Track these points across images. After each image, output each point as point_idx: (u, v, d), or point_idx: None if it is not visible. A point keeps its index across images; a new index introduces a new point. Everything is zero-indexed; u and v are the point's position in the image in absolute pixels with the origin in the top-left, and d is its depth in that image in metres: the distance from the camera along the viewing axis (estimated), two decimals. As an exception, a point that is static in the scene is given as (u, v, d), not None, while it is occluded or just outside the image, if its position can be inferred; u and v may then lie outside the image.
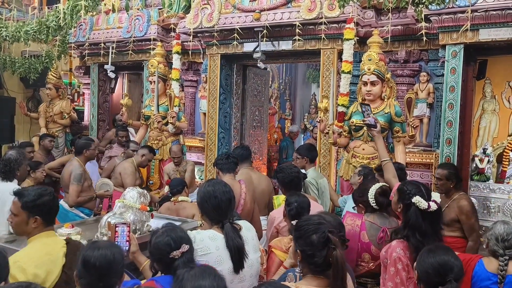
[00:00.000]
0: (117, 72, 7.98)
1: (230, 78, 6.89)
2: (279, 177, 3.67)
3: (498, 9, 4.50)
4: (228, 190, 2.53)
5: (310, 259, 1.94)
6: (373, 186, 2.98)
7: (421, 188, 2.62)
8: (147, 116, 6.45)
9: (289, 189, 3.56)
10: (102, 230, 3.28)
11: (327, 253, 1.90)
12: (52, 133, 7.44)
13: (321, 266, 1.92)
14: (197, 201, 2.58)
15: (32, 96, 8.91)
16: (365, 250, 2.89)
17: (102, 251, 1.98)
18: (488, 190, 5.64)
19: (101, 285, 1.95)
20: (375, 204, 2.96)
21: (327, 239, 1.92)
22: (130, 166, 5.28)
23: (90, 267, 1.95)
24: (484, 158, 6.01)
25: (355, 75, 5.19)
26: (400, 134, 4.62)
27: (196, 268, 1.72)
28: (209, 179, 2.75)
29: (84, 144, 4.63)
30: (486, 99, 6.37)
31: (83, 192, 4.42)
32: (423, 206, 2.50)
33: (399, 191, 2.69)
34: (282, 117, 11.43)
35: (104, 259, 1.96)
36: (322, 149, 5.70)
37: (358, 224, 2.92)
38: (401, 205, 2.65)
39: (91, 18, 7.66)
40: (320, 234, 1.93)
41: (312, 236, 1.94)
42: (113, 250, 2.02)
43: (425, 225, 2.51)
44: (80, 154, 4.59)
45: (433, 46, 5.38)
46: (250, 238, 2.53)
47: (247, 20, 5.96)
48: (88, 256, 1.97)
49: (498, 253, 2.58)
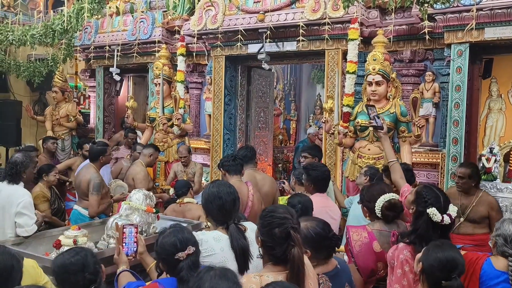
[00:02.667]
0: (122, 75, 8.02)
1: (234, 79, 6.90)
2: (311, 173, 3.61)
3: (504, 8, 4.47)
4: (232, 191, 2.53)
5: (269, 250, 1.96)
6: (381, 197, 2.87)
7: (441, 199, 2.52)
8: (153, 118, 6.47)
9: (318, 187, 3.55)
10: (108, 232, 3.30)
11: (286, 248, 1.91)
12: (58, 136, 7.49)
13: (279, 259, 1.94)
14: (202, 202, 2.58)
15: (38, 99, 8.97)
16: (379, 260, 2.80)
17: (70, 253, 2.05)
18: (496, 189, 5.59)
19: (87, 275, 1.99)
20: (381, 215, 2.88)
21: (288, 234, 1.92)
22: (142, 170, 5.20)
23: (67, 268, 1.99)
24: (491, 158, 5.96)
25: (360, 75, 5.17)
26: (406, 134, 4.60)
27: (218, 268, 1.69)
28: (213, 180, 2.74)
29: (101, 150, 4.52)
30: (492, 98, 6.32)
31: (102, 199, 4.39)
32: (437, 219, 2.45)
33: (417, 194, 2.61)
34: (287, 118, 11.42)
35: (77, 257, 2.02)
36: (328, 150, 5.68)
37: (365, 236, 2.82)
38: (414, 207, 2.60)
39: (96, 21, 7.71)
40: (283, 229, 1.94)
41: (274, 230, 1.94)
42: (77, 250, 2.09)
43: (434, 236, 2.46)
44: (96, 160, 4.50)
45: (439, 45, 5.36)
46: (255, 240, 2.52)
47: (251, 22, 5.96)
48: (62, 260, 2.03)
49: (508, 253, 2.56)
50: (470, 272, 2.61)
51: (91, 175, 4.35)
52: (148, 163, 5.34)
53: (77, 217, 4.43)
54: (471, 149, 5.20)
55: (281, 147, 10.27)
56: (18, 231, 3.48)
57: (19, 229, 3.48)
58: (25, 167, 3.72)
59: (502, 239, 2.59)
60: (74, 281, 1.99)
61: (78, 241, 2.94)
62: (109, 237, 3.29)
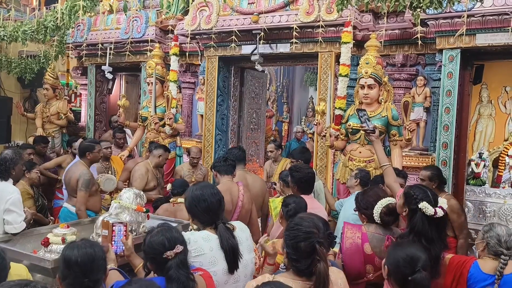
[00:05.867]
0: (115, 73, 7.97)
1: (227, 80, 6.90)
2: (295, 175, 3.63)
3: (495, 14, 4.52)
4: (216, 191, 2.53)
5: (294, 262, 1.96)
6: (379, 202, 2.87)
7: (428, 193, 2.60)
8: (144, 117, 6.44)
9: (302, 189, 3.55)
10: (97, 231, 3.28)
11: (312, 262, 1.92)
12: (48, 133, 7.42)
13: (303, 272, 1.94)
14: (186, 206, 2.56)
15: (29, 96, 8.89)
16: (368, 262, 2.81)
17: (82, 249, 2.02)
18: (484, 194, 5.66)
19: (86, 281, 1.96)
20: (379, 221, 2.87)
21: (314, 249, 1.93)
22: (140, 169, 5.11)
23: (72, 265, 1.97)
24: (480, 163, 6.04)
25: (353, 79, 5.20)
26: (397, 138, 4.63)
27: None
28: (195, 183, 2.73)
29: (87, 146, 4.49)
30: (482, 104, 6.40)
31: (91, 197, 4.36)
32: (430, 212, 2.49)
33: (405, 195, 2.66)
34: (279, 119, 11.45)
35: (86, 255, 1.99)
36: (319, 152, 5.70)
37: (359, 236, 2.83)
38: (406, 209, 2.63)
39: (89, 18, 7.66)
40: (308, 243, 1.94)
41: (300, 243, 1.95)
42: (93, 247, 2.06)
43: (431, 231, 2.50)
44: (83, 156, 4.48)
45: (430, 50, 5.41)
46: (244, 239, 2.53)
47: (245, 23, 5.97)
48: (69, 256, 2.00)
49: (501, 253, 2.57)
50: (458, 275, 2.63)
51: (81, 172, 4.31)
52: (157, 164, 5.25)
53: (66, 215, 4.40)
54: (460, 153, 5.24)
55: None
56: (7, 228, 3.44)
57: (8, 226, 3.44)
58: (15, 164, 3.69)
59: (495, 240, 2.60)
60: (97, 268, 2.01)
61: (67, 239, 2.91)
62: (98, 235, 3.26)
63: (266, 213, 4.41)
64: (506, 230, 2.62)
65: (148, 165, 5.17)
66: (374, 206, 2.85)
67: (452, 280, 2.61)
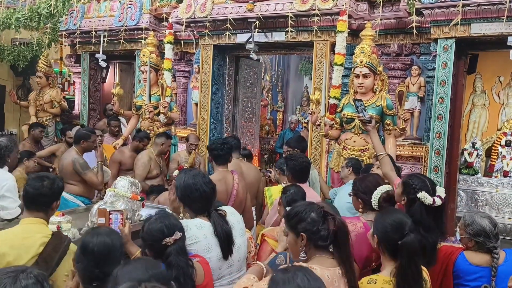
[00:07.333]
0: (109, 61, 7.92)
1: (222, 69, 6.88)
2: (289, 164, 3.64)
3: (490, 4, 4.53)
4: (208, 180, 2.54)
5: (316, 235, 1.97)
6: (379, 188, 2.86)
7: (427, 182, 2.61)
8: (139, 106, 6.41)
9: (297, 177, 3.56)
10: (93, 219, 3.28)
11: (329, 225, 1.96)
12: (42, 122, 7.38)
13: (328, 239, 1.96)
14: (178, 195, 2.56)
15: (22, 84, 8.81)
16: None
17: (102, 238, 2.00)
18: (477, 183, 5.72)
19: (96, 271, 1.95)
20: (377, 207, 2.86)
21: (325, 212, 1.98)
22: (143, 157, 5.14)
23: (88, 252, 1.96)
24: (473, 152, 6.10)
25: (348, 68, 5.20)
26: (391, 127, 4.65)
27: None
28: (185, 170, 2.71)
29: (83, 135, 4.51)
30: (476, 94, 6.43)
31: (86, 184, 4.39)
32: (428, 201, 2.51)
33: (404, 185, 2.67)
34: (274, 109, 11.44)
35: (103, 246, 1.98)
36: (314, 141, 5.72)
37: (361, 225, 2.81)
38: (405, 198, 2.64)
39: (82, 6, 7.58)
40: (317, 211, 1.98)
41: (311, 215, 1.98)
42: (112, 237, 2.03)
43: (429, 220, 2.52)
44: (78, 144, 4.48)
45: (425, 40, 5.41)
46: (236, 222, 2.55)
47: (240, 11, 5.94)
48: (87, 242, 1.99)
49: (493, 246, 2.57)
50: (445, 265, 2.65)
51: (73, 157, 4.35)
52: (160, 151, 5.29)
53: (61, 202, 4.39)
54: (454, 143, 5.28)
55: (267, 137, 10.30)
56: (2, 214, 3.45)
57: (3, 211, 3.45)
58: (10, 151, 3.68)
59: (483, 237, 2.57)
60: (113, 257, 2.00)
61: (62, 227, 2.92)
62: (93, 223, 3.27)
63: (261, 202, 4.43)
64: (488, 221, 2.60)
65: (151, 153, 5.21)
66: (373, 191, 2.85)
67: (439, 270, 2.64)
